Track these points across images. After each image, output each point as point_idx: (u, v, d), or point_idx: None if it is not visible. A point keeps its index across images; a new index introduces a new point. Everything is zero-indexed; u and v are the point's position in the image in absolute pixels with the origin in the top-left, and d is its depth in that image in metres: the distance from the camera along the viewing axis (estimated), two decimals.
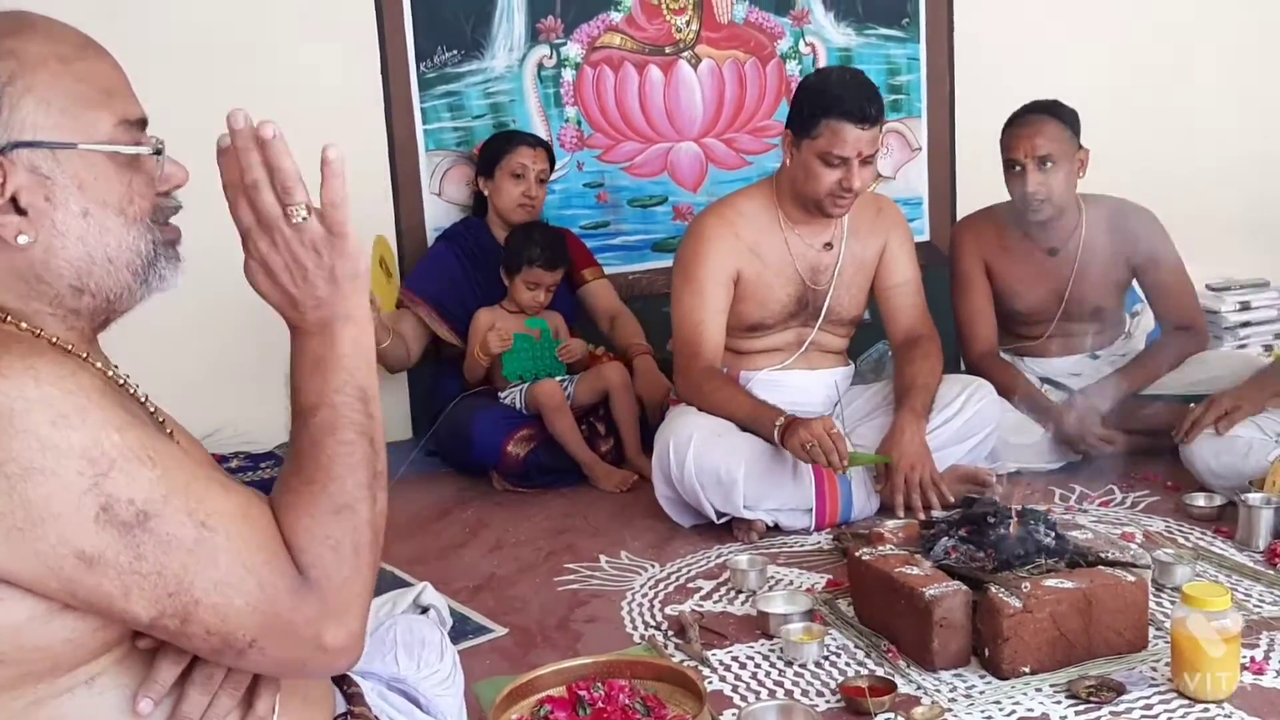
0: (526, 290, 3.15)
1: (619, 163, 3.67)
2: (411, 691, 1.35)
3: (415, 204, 3.49)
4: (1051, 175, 2.80)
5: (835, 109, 2.48)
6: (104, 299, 1.02)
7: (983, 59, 3.84)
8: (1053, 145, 2.79)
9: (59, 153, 0.96)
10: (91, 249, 0.99)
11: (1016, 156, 2.81)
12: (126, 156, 1.00)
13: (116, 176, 0.99)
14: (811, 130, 2.52)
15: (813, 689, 1.82)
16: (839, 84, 2.55)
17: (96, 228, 0.98)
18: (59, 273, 0.99)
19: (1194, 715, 1.66)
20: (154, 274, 1.03)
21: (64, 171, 0.97)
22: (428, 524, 2.78)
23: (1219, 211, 3.93)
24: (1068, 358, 3.05)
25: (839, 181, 2.53)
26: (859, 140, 2.49)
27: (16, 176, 0.95)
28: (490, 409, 3.08)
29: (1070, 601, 1.79)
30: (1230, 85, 4.02)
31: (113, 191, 0.99)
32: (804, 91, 2.60)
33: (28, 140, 0.95)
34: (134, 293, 1.03)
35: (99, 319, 1.05)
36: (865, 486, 2.59)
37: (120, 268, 1.01)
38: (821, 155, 2.52)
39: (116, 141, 0.99)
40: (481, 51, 3.49)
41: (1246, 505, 2.30)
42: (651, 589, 2.28)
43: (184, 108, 3.26)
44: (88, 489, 0.89)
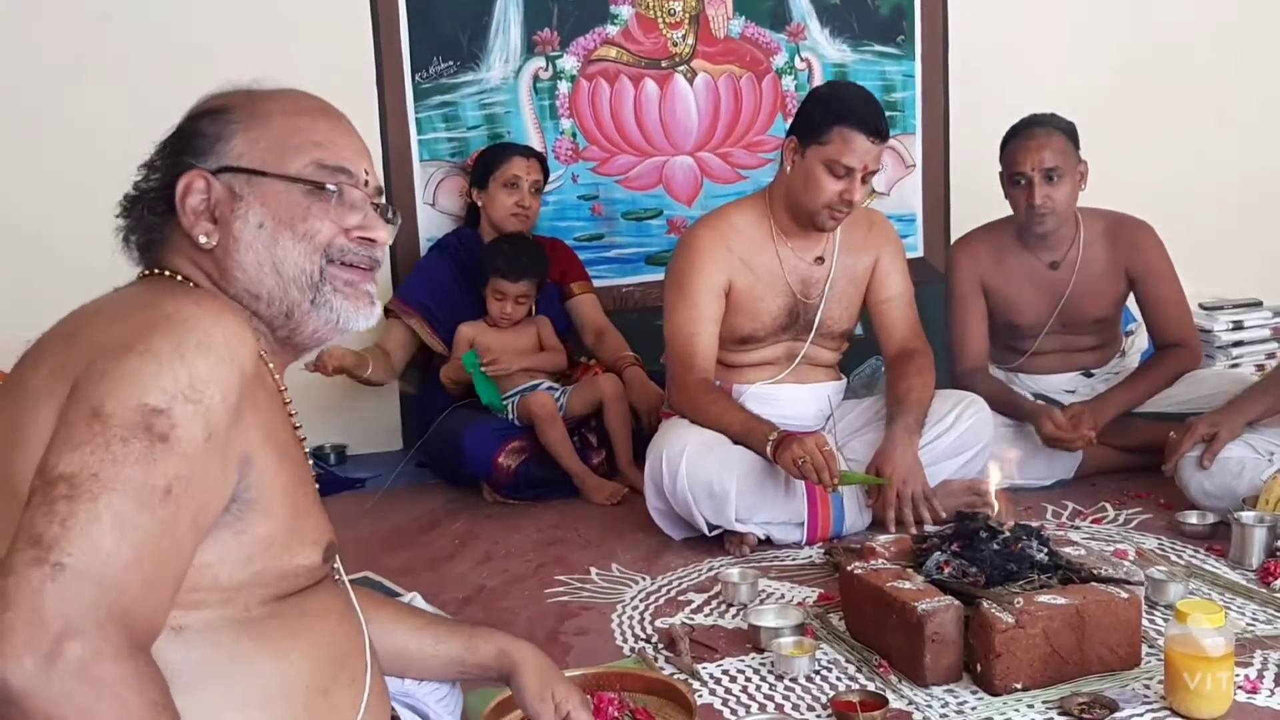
0: (495, 301, 3.14)
1: (614, 175, 3.67)
2: (420, 706, 1.35)
3: (409, 214, 3.48)
4: (1057, 188, 2.81)
5: (850, 117, 2.49)
6: (281, 310, 1.15)
7: (977, 77, 3.85)
8: (1059, 158, 2.80)
9: (253, 178, 1.14)
10: (260, 256, 1.13)
11: (1023, 169, 2.82)
12: (313, 189, 1.15)
13: (299, 202, 1.15)
14: (822, 136, 2.52)
15: (804, 703, 1.80)
16: (853, 95, 2.58)
17: (267, 238, 1.13)
18: (234, 274, 1.14)
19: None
20: (321, 299, 1.15)
21: (254, 192, 1.14)
22: (417, 535, 2.77)
23: (1212, 230, 3.94)
24: (1063, 375, 3.05)
25: (840, 193, 2.53)
26: (867, 152, 2.50)
27: (216, 191, 1.13)
28: (482, 421, 3.07)
29: (1063, 618, 1.78)
30: (1225, 105, 4.03)
31: (290, 212, 1.14)
32: (816, 99, 2.61)
33: (231, 165, 1.14)
34: (308, 315, 1.15)
35: (281, 332, 1.16)
36: (857, 501, 2.58)
37: (287, 281, 1.14)
38: (828, 163, 2.52)
39: (307, 178, 1.15)
40: (477, 63, 3.49)
41: (1240, 523, 2.29)
42: (642, 601, 2.27)
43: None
44: (163, 389, 0.95)
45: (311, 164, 1.16)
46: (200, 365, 0.97)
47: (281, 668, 1.07)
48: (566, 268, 3.42)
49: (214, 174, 1.13)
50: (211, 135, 1.15)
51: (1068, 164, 2.81)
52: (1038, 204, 2.80)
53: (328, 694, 1.11)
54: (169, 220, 1.14)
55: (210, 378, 0.98)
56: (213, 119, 1.16)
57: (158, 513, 0.93)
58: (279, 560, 1.07)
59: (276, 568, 1.07)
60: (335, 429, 3.49)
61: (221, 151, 1.14)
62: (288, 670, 1.08)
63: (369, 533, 2.79)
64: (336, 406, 3.48)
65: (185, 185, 1.13)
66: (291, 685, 1.08)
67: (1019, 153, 2.83)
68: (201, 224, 1.13)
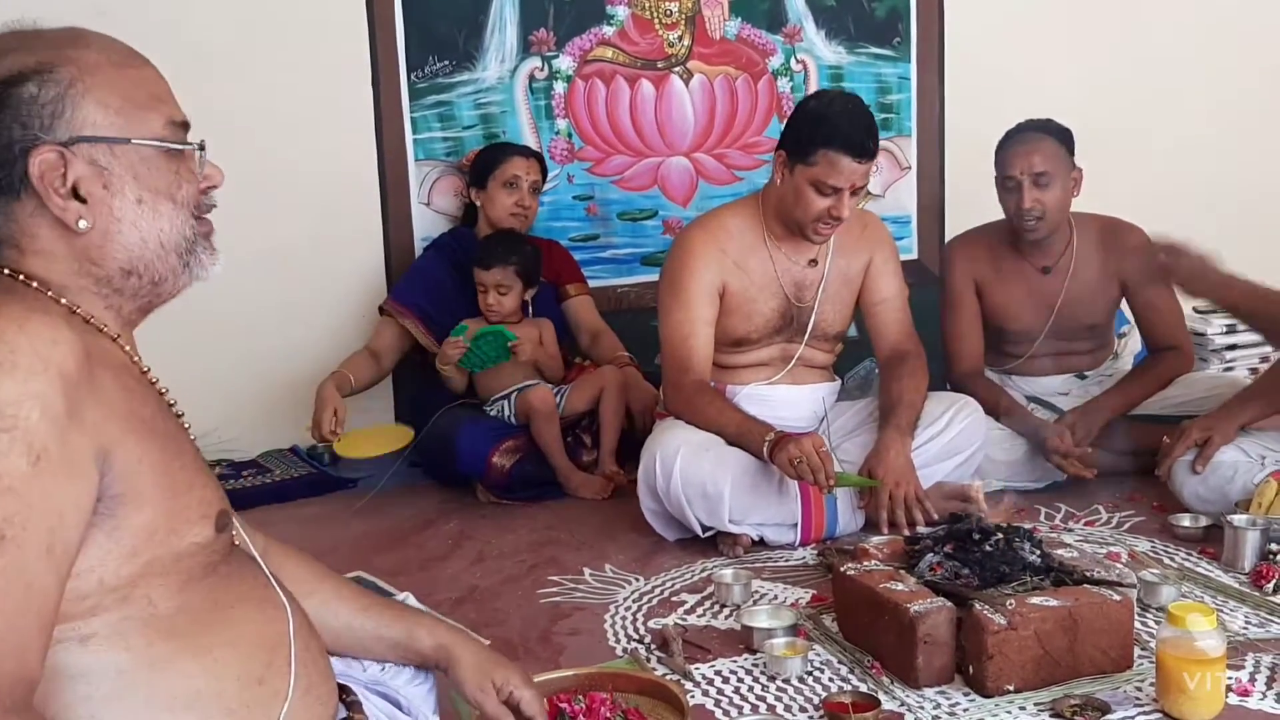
0: (480, 295, 3.13)
1: (609, 176, 3.67)
2: (392, 694, 1.34)
3: (404, 214, 3.48)
4: (1047, 192, 2.81)
5: (835, 140, 2.47)
6: (150, 281, 1.10)
7: (973, 79, 3.85)
8: (1049, 162, 2.80)
9: (115, 147, 1.06)
10: (144, 233, 1.08)
11: (1013, 173, 2.82)
12: (173, 151, 1.10)
13: (166, 168, 1.10)
14: (808, 157, 2.51)
15: (796, 704, 1.80)
16: (841, 114, 2.51)
17: (150, 213, 1.08)
18: (112, 255, 1.07)
19: None
20: (194, 260, 1.12)
21: (120, 163, 1.07)
22: (410, 535, 2.76)
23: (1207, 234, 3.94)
24: (1056, 377, 3.05)
25: (827, 210, 2.53)
26: (854, 173, 2.50)
27: (77, 168, 1.04)
28: (476, 420, 3.06)
29: (1055, 620, 1.78)
30: (1222, 108, 4.04)
31: (164, 181, 1.09)
32: (804, 116, 2.57)
33: (87, 135, 1.05)
34: (177, 276, 1.12)
35: (141, 301, 1.11)
36: (850, 503, 2.58)
37: (169, 250, 1.10)
38: (814, 183, 2.51)
39: (166, 139, 1.09)
40: (473, 62, 3.49)
41: (1232, 526, 2.30)
42: (635, 602, 2.27)
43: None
44: None
45: (165, 123, 1.10)
46: (6, 387, 0.91)
47: (204, 664, 1.05)
48: (562, 269, 3.41)
49: (65, 147, 1.03)
50: (48, 102, 1.03)
51: (1058, 169, 2.82)
52: (1026, 207, 2.81)
53: (263, 682, 1.08)
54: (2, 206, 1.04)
55: (21, 396, 0.91)
56: (40, 82, 1.03)
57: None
58: (166, 545, 1.03)
59: (166, 554, 1.03)
60: None
61: (70, 120, 1.03)
62: (211, 666, 1.05)
63: (361, 533, 2.78)
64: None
65: (39, 164, 1.02)
66: (220, 680, 1.05)
67: (1010, 157, 2.84)
68: (72, 206, 1.04)
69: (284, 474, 3.24)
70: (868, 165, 2.52)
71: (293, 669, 1.11)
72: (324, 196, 3.42)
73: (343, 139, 3.41)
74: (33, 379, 0.92)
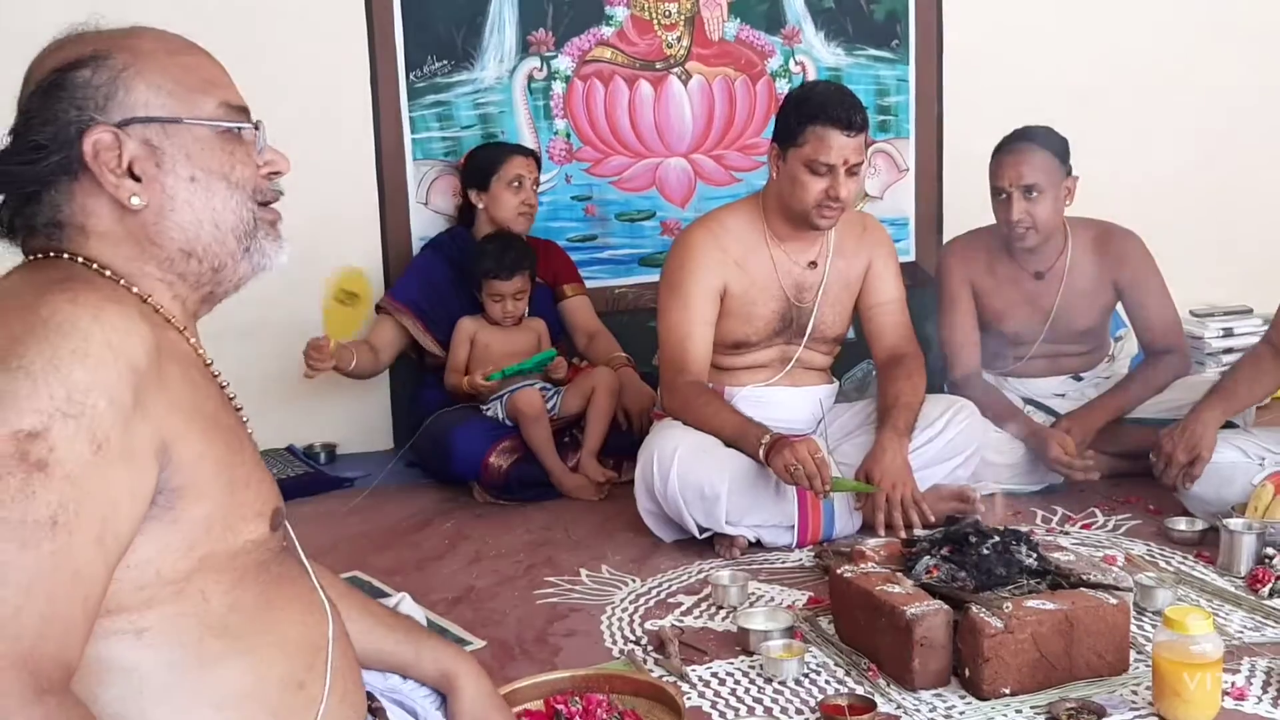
0: (494, 303, 3.14)
1: (607, 176, 3.67)
2: (409, 703, 1.34)
3: (402, 213, 3.48)
4: (1036, 204, 2.81)
5: (820, 115, 2.49)
6: (210, 265, 1.10)
7: (972, 82, 3.85)
8: (1038, 174, 2.80)
9: (168, 127, 1.07)
10: (199, 212, 1.09)
11: (1002, 184, 2.83)
12: (230, 133, 1.11)
13: (221, 149, 1.10)
14: (797, 138, 2.52)
15: (792, 706, 1.80)
16: (823, 93, 2.57)
17: (203, 192, 1.09)
18: (169, 235, 1.08)
19: None
20: (255, 245, 1.12)
21: (172, 143, 1.08)
22: (407, 535, 2.76)
23: (1204, 237, 3.95)
24: (1051, 379, 3.06)
25: (825, 190, 2.53)
26: (844, 147, 2.50)
27: (130, 147, 1.06)
28: (472, 420, 3.06)
29: (1052, 623, 1.78)
30: (1222, 114, 4.04)
31: (217, 161, 1.10)
32: (789, 103, 2.61)
33: (140, 116, 1.06)
34: (238, 262, 1.12)
35: (204, 290, 1.12)
36: (847, 504, 2.58)
37: (226, 232, 1.10)
38: (808, 163, 2.52)
39: (220, 120, 1.10)
40: (472, 62, 3.49)
41: (1228, 530, 2.30)
42: (632, 603, 2.27)
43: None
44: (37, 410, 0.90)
45: (220, 105, 1.11)
46: (78, 374, 0.92)
47: (252, 664, 1.05)
48: (559, 270, 3.41)
49: (119, 128, 1.05)
50: (101, 85, 1.05)
51: (1049, 181, 2.81)
52: (1015, 219, 2.81)
53: (303, 686, 1.09)
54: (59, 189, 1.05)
55: (91, 384, 0.92)
56: (95, 67, 1.06)
57: (45, 547, 0.89)
58: (223, 541, 1.03)
59: (223, 549, 1.03)
60: (325, 427, 3.48)
61: (123, 102, 1.06)
62: (258, 666, 1.06)
63: (358, 532, 2.78)
64: (326, 405, 3.47)
65: (94, 144, 1.04)
66: (264, 681, 1.06)
67: (1000, 168, 2.84)
68: (126, 184, 1.05)
69: (280, 473, 3.23)
70: (858, 140, 2.52)
71: (329, 674, 1.11)
72: (322, 195, 3.40)
73: (341, 138, 3.41)
74: (103, 368, 0.93)
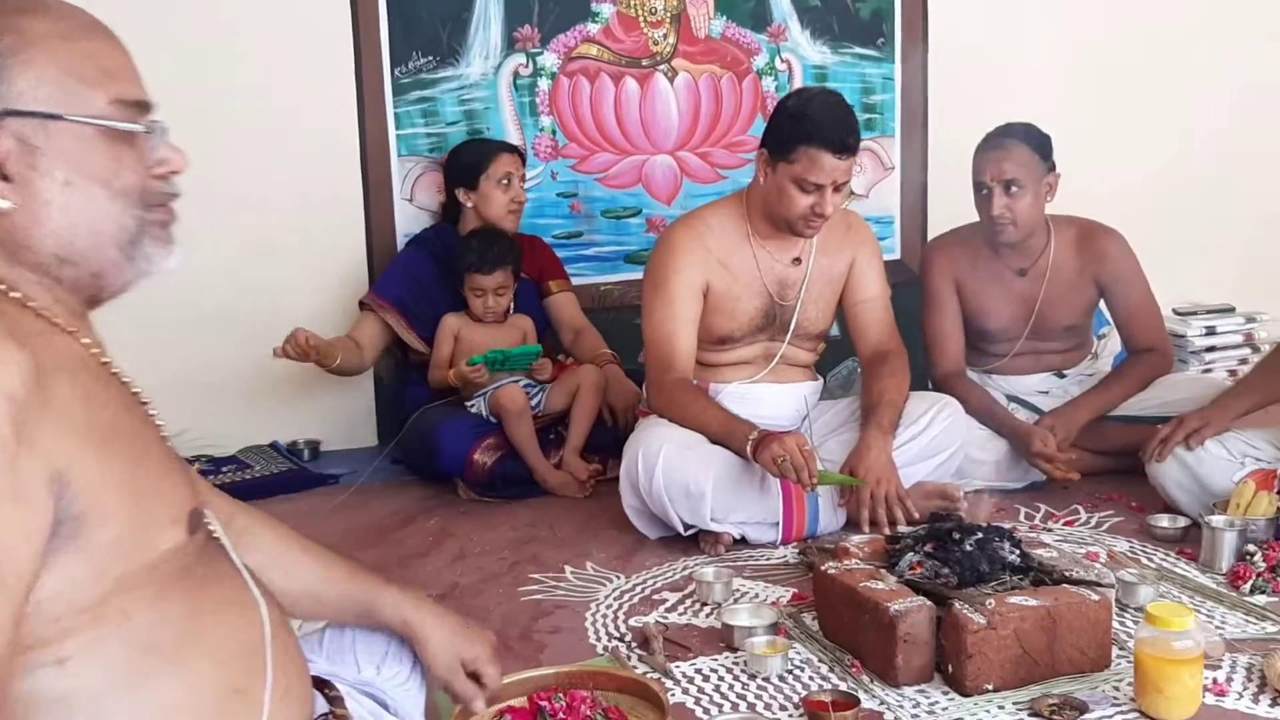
0: (475, 298, 3.13)
1: (593, 173, 3.66)
2: (379, 694, 1.33)
3: (386, 209, 3.47)
4: (1017, 199, 2.82)
5: (816, 138, 2.47)
6: (89, 271, 1.03)
7: (957, 80, 3.86)
8: (1019, 170, 2.81)
9: (49, 124, 0.98)
10: (74, 218, 1.00)
11: (984, 180, 2.84)
12: (118, 133, 1.02)
13: (106, 151, 1.01)
14: (789, 154, 2.52)
15: (776, 702, 1.81)
16: (821, 110, 2.51)
17: (80, 198, 1.00)
18: (42, 240, 1.00)
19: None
20: (140, 252, 1.04)
21: (52, 143, 0.99)
22: (390, 532, 2.75)
23: (1188, 236, 3.97)
24: (1035, 376, 3.07)
25: (811, 207, 2.54)
26: (835, 169, 2.50)
27: (3, 142, 0.97)
28: (457, 417, 3.05)
29: (1034, 619, 1.79)
30: (1204, 113, 4.06)
31: (99, 165, 1.01)
32: (784, 114, 2.57)
33: (17, 109, 0.97)
34: (121, 269, 1.04)
35: (86, 293, 1.05)
36: (831, 501, 2.58)
37: (105, 240, 1.02)
38: (797, 180, 2.52)
39: (109, 118, 1.01)
40: (457, 58, 3.48)
41: (1210, 527, 2.31)
42: (616, 600, 2.27)
43: (158, 109, 3.25)
44: None
45: (113, 102, 1.01)
46: None
47: (183, 678, 1.01)
48: (545, 266, 3.41)
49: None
50: None
51: (1029, 177, 2.82)
52: (995, 214, 2.83)
53: (241, 691, 1.05)
54: None
55: None
56: None
57: None
58: (137, 557, 0.98)
59: (139, 566, 0.98)
60: (309, 424, 3.47)
61: (3, 92, 0.96)
62: (192, 679, 1.01)
63: (342, 529, 2.77)
64: (310, 402, 3.46)
65: None
66: (200, 693, 1.02)
67: (982, 163, 2.86)
68: None
69: (264, 470, 3.22)
70: (849, 162, 2.52)
71: (270, 673, 1.08)
72: (306, 191, 3.40)
73: (326, 134, 3.40)
74: None
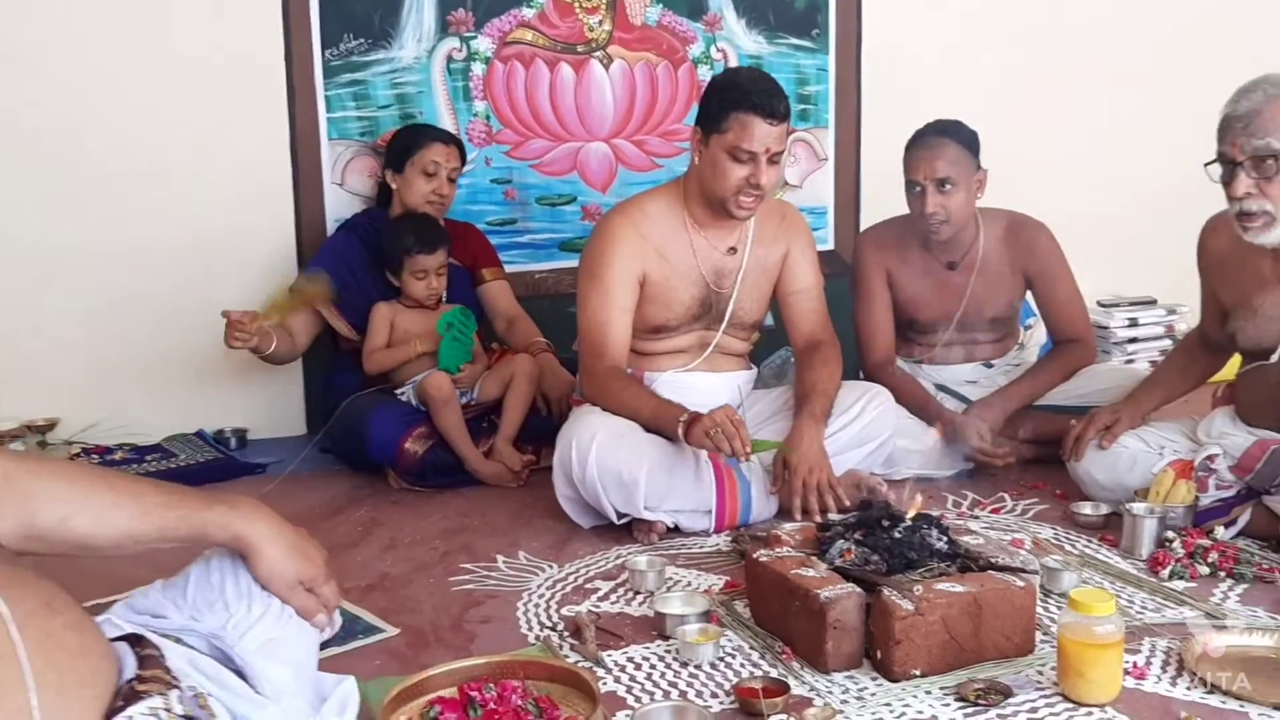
0: (417, 281, 3.09)
1: (528, 160, 3.63)
2: (225, 648, 1.28)
3: (316, 194, 3.41)
4: (950, 197, 2.86)
5: (744, 103, 2.50)
6: None
7: (890, 72, 3.90)
8: (951, 168, 2.85)
9: None
10: None
11: (916, 178, 2.88)
12: None
13: None
14: (720, 125, 2.53)
15: (707, 690, 1.81)
16: (748, 80, 2.58)
17: None
18: None
19: (1078, 718, 1.69)
20: None
21: None
22: (319, 521, 2.71)
23: (1112, 230, 4.06)
24: (963, 366, 3.12)
25: (746, 178, 2.54)
26: (767, 135, 2.51)
27: None
28: (388, 405, 3.01)
29: (961, 605, 1.81)
30: (1128, 106, 4.15)
31: None
32: (712, 89, 2.61)
33: None
34: None
35: None
36: (764, 489, 2.60)
37: None
38: (730, 150, 2.53)
39: None
40: (389, 41, 3.43)
41: (1131, 514, 2.36)
42: (549, 589, 2.26)
43: (82, 87, 3.16)
44: None
45: None
46: None
47: None
48: (478, 253, 3.37)
49: None
50: None
51: (961, 174, 2.87)
52: (929, 212, 2.87)
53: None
54: None
55: None
56: None
57: None
58: None
59: None
60: (236, 412, 3.40)
61: None
62: None
63: None
64: (238, 389, 3.40)
65: None
66: None
67: (914, 161, 2.89)
68: None
69: (189, 459, 3.16)
70: (780, 128, 2.54)
71: (28, 676, 1.02)
72: (233, 175, 3.34)
73: (254, 117, 3.33)
74: None
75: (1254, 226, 2.25)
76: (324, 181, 3.42)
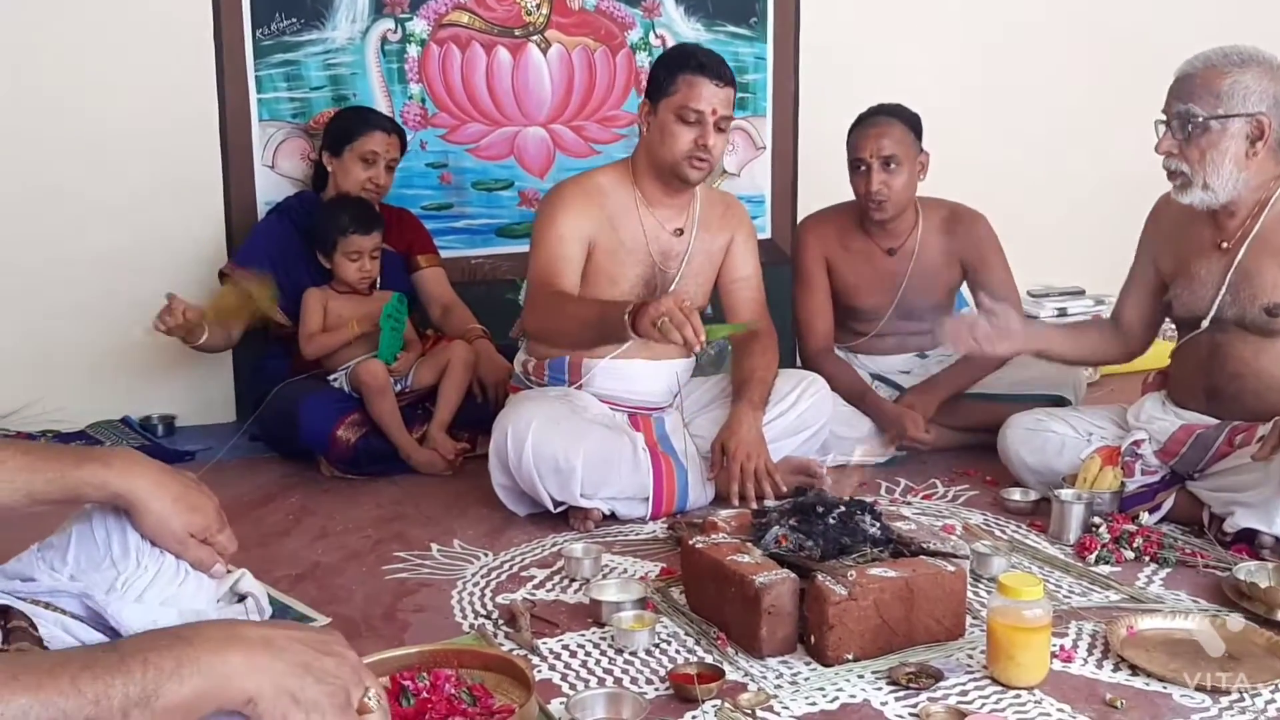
0: (351, 263, 3.04)
1: (464, 144, 3.60)
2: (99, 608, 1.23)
3: (246, 176, 3.34)
4: (894, 176, 2.89)
5: (690, 63, 2.57)
6: None
7: (827, 61, 3.92)
8: (897, 147, 2.88)
9: None
10: None
11: (862, 156, 2.90)
12: None
13: None
14: (668, 88, 2.56)
15: (642, 676, 1.81)
16: (695, 47, 2.71)
17: None
18: None
19: (1006, 701, 1.71)
20: None
21: None
22: (249, 510, 2.66)
23: (1043, 220, 4.12)
24: (898, 356, 3.15)
25: (695, 140, 2.55)
26: (714, 96, 2.54)
27: None
28: (319, 392, 2.97)
29: (893, 590, 1.83)
30: (1064, 100, 4.21)
31: None
32: (660, 60, 2.68)
33: None
34: None
35: None
36: (701, 476, 2.60)
37: None
38: (678, 111, 2.54)
39: None
40: (322, 21, 3.37)
41: (1059, 500, 2.40)
42: (484, 578, 2.24)
43: (1, 63, 3.06)
44: None
45: None
46: None
47: None
48: (413, 239, 3.33)
49: None
50: None
51: (906, 154, 2.90)
52: (874, 190, 2.90)
53: None
54: None
55: None
56: None
57: None
58: None
59: None
60: (164, 399, 3.33)
61: None
62: None
63: None
64: (166, 375, 3.33)
65: None
66: None
67: (860, 139, 2.92)
68: None
69: (115, 446, 3.08)
70: (726, 92, 2.57)
71: None
72: (161, 156, 3.26)
73: (182, 97, 3.26)
74: None
75: (1176, 185, 2.34)
76: (255, 163, 3.35)
